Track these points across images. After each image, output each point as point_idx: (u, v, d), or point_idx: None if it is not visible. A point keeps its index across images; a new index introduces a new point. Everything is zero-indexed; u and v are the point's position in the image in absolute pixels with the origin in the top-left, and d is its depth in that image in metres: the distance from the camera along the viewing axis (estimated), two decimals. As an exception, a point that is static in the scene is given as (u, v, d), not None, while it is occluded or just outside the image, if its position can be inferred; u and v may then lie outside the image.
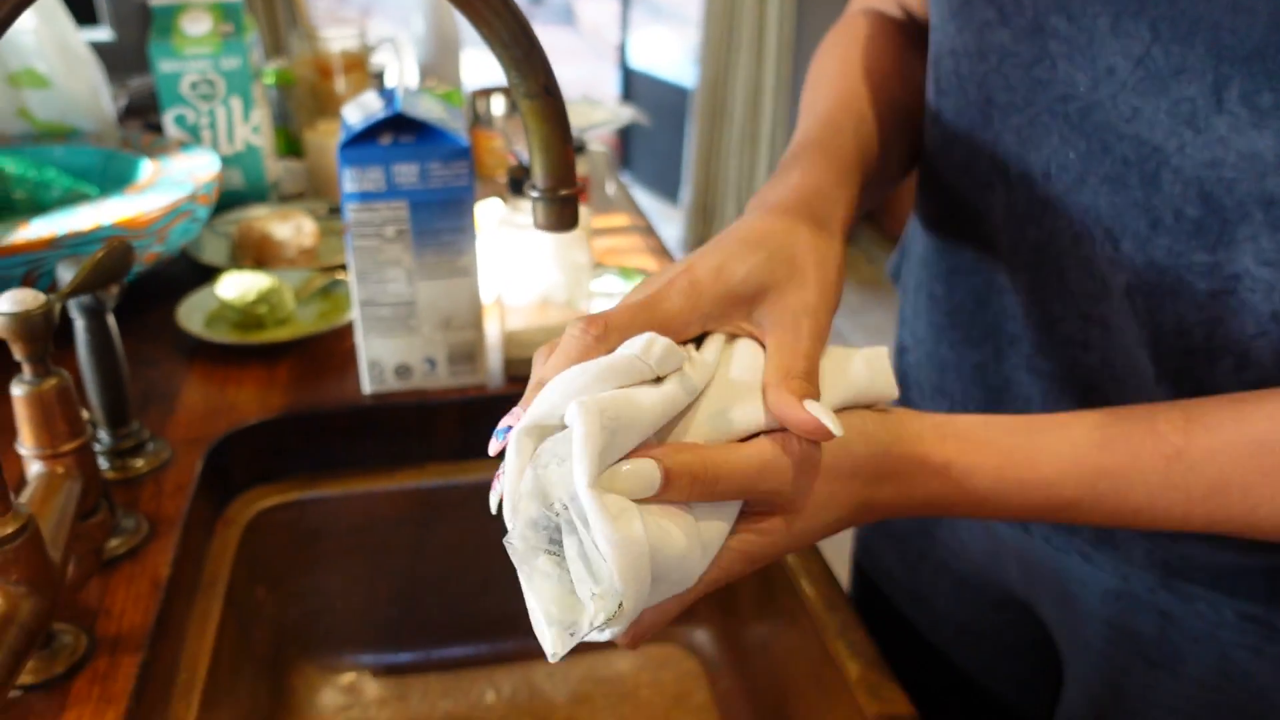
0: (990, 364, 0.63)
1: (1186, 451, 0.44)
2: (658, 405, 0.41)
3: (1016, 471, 0.45)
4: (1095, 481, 0.45)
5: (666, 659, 0.93)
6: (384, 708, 0.88)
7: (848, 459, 0.44)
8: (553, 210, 0.49)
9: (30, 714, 0.56)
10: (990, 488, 0.45)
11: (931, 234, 0.66)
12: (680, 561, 0.39)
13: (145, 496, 0.74)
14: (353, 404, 0.86)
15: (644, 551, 0.38)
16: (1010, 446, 0.46)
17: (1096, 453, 0.45)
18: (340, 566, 0.88)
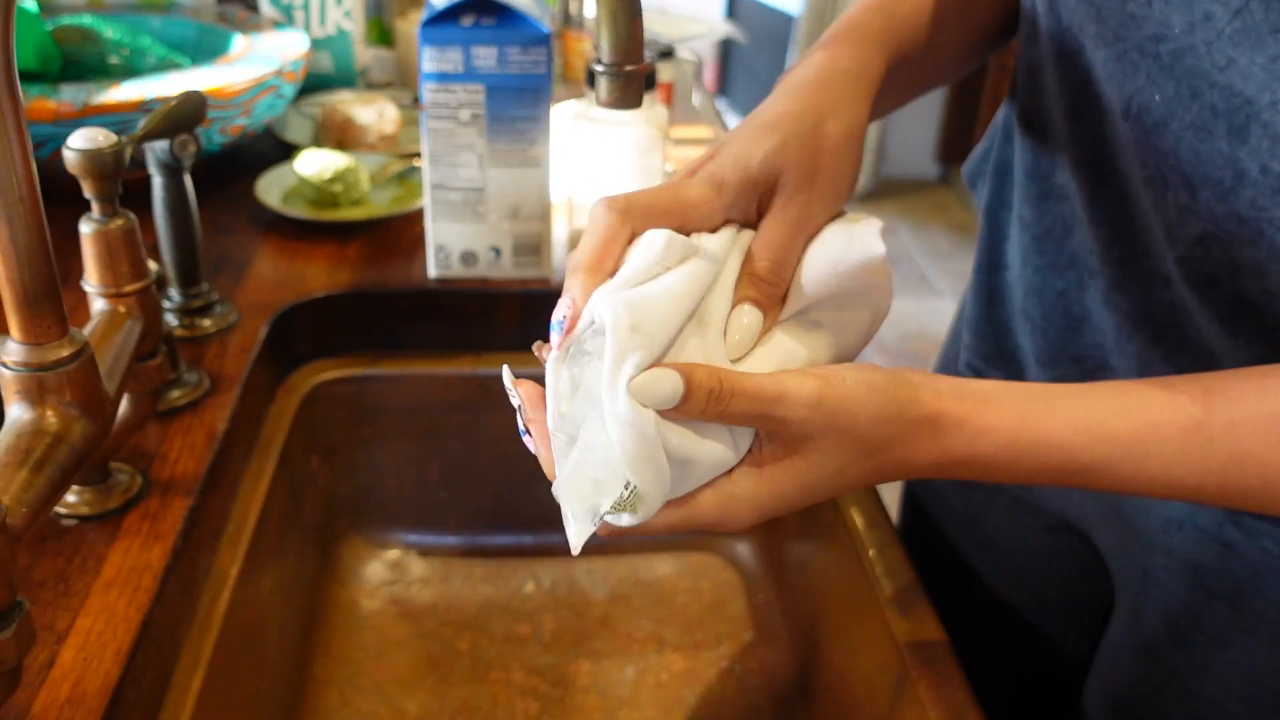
0: (1073, 292, 0.61)
1: (1205, 423, 0.44)
2: (683, 288, 0.42)
3: (1031, 434, 0.44)
4: (1111, 449, 0.44)
5: (706, 568, 0.93)
6: (426, 586, 0.90)
7: (863, 413, 0.43)
8: (616, 85, 0.48)
9: (84, 542, 0.58)
10: (1003, 449, 0.45)
11: (1026, 155, 0.64)
12: (689, 464, 0.41)
13: (209, 355, 0.76)
14: (417, 287, 0.87)
15: (657, 444, 0.40)
16: (1025, 410, 0.45)
17: (1113, 420, 0.44)
18: (394, 445, 0.90)
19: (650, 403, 0.40)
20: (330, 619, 0.85)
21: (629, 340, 0.40)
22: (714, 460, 0.42)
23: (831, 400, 0.42)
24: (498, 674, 0.83)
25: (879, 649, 0.65)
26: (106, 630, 0.53)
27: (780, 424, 0.42)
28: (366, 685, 0.81)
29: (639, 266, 0.42)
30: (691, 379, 0.40)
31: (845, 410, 0.42)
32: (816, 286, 0.46)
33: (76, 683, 0.50)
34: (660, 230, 0.43)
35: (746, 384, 0.41)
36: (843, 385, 0.43)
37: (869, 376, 0.44)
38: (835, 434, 0.42)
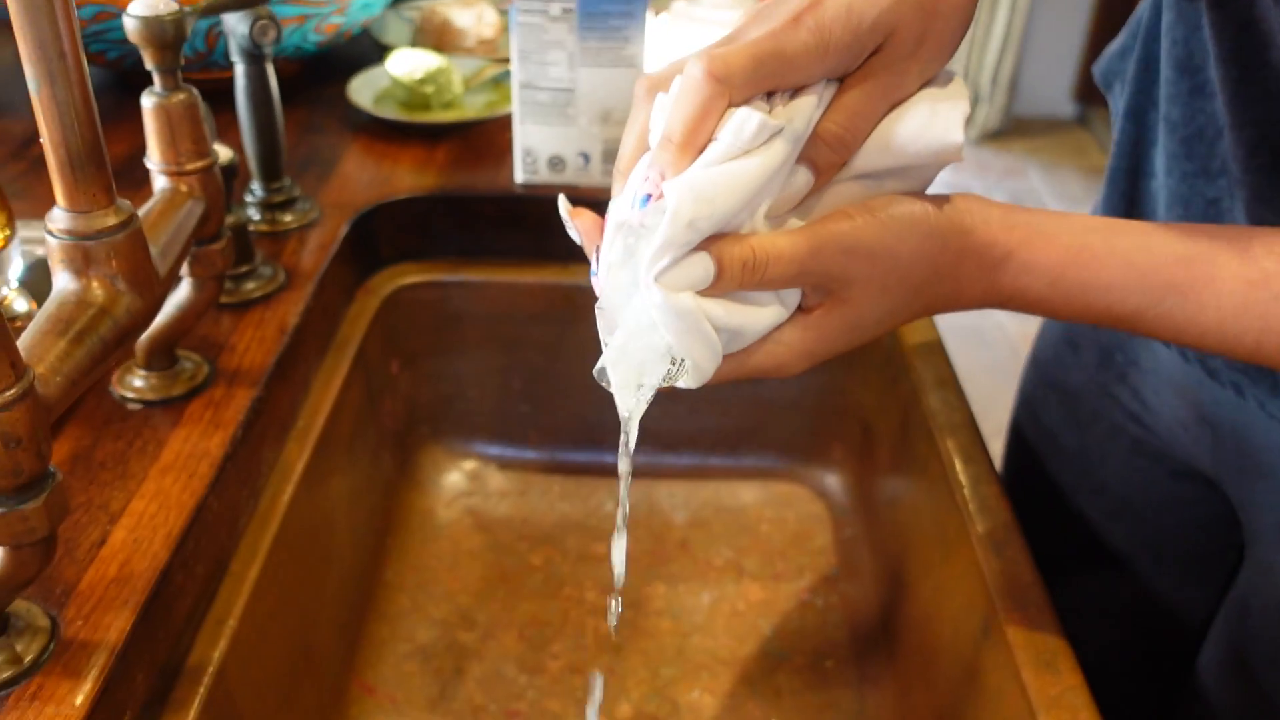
0: (1225, 201, 0.55)
1: (1275, 278, 0.41)
2: (758, 174, 0.39)
3: (1079, 273, 0.43)
4: (1163, 296, 0.42)
5: (793, 498, 0.89)
6: (504, 499, 0.89)
7: (905, 249, 0.42)
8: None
9: (146, 426, 0.57)
10: (1048, 286, 0.43)
11: (1175, 48, 0.57)
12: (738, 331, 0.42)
13: (287, 251, 0.75)
14: (504, 192, 0.84)
15: (700, 319, 0.40)
16: (1078, 245, 0.43)
17: (1173, 267, 0.42)
18: (476, 355, 0.88)
19: (684, 288, 0.39)
20: (405, 525, 0.84)
21: (682, 235, 0.39)
22: (763, 324, 0.42)
23: (867, 242, 0.41)
24: (570, 591, 0.81)
25: (967, 589, 0.61)
26: (159, 514, 0.52)
27: (820, 277, 0.41)
28: (437, 593, 0.80)
29: (725, 150, 0.40)
30: (723, 258, 0.39)
31: (884, 251, 0.41)
32: (884, 157, 0.43)
33: (125, 563, 0.49)
34: (754, 113, 0.39)
35: (781, 248, 0.40)
36: (880, 225, 0.41)
37: (910, 210, 0.42)
38: (878, 277, 0.42)
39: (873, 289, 0.42)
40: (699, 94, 0.39)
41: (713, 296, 0.40)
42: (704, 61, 0.39)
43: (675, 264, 0.39)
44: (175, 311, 0.58)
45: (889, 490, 0.80)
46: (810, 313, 0.43)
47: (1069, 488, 0.75)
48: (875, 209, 0.42)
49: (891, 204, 0.42)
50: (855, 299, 0.42)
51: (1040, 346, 0.79)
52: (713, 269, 0.39)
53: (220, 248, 0.56)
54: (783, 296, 0.43)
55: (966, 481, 0.65)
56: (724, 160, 0.39)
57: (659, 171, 0.40)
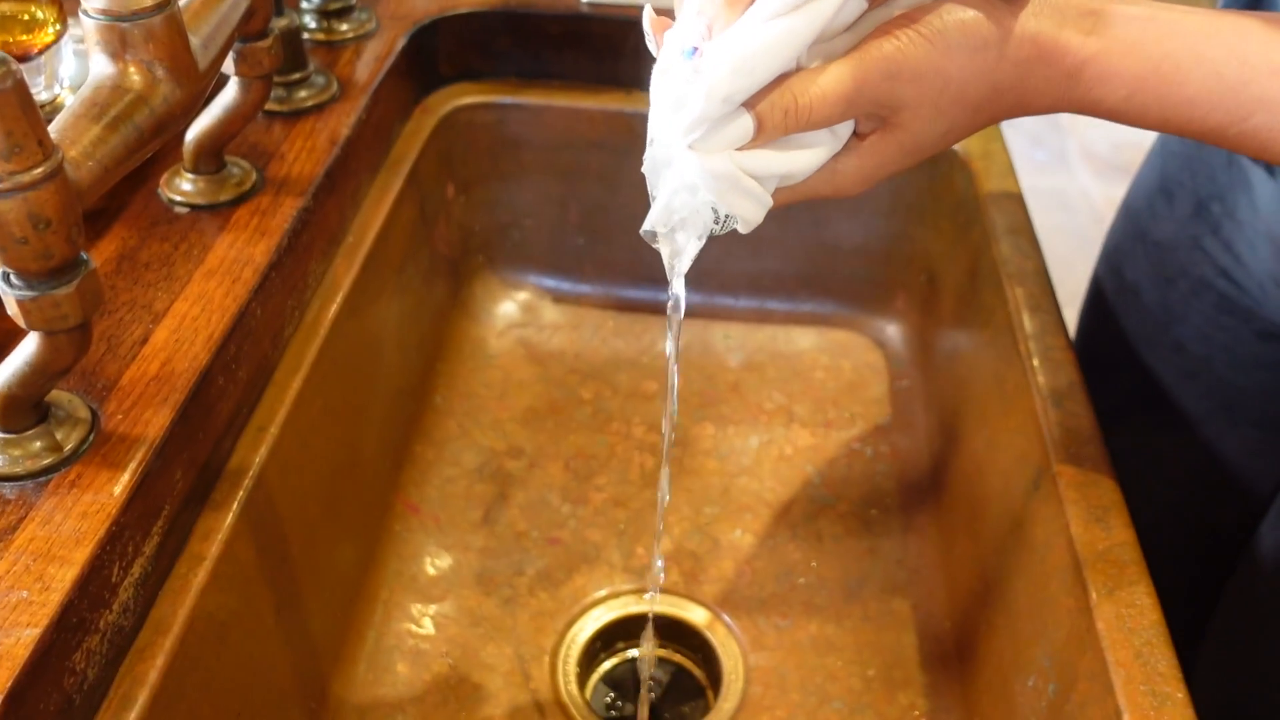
0: None
1: None
2: (805, 30, 0.37)
3: (1160, 85, 0.39)
4: (1252, 111, 0.38)
5: (850, 346, 0.87)
6: (557, 332, 0.88)
7: (954, 66, 0.39)
8: None
9: (192, 230, 0.57)
10: (1124, 99, 0.40)
11: None
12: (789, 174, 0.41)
13: (343, 61, 0.72)
14: (569, 11, 0.80)
15: (739, 177, 0.39)
16: (1161, 55, 0.39)
17: (1266, 79, 0.38)
18: (534, 183, 0.86)
19: (722, 149, 0.38)
20: (456, 352, 0.84)
21: (717, 109, 0.37)
22: (815, 163, 0.41)
23: (913, 64, 0.38)
24: (618, 426, 0.81)
25: (1021, 440, 0.59)
26: (201, 316, 0.51)
27: (869, 105, 0.39)
28: (486, 421, 0.80)
29: (773, 5, 0.37)
30: (761, 112, 0.38)
31: (932, 71, 0.39)
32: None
33: (166, 361, 0.49)
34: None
35: (825, 88, 0.38)
36: (925, 41, 0.38)
37: (960, 19, 0.38)
38: (929, 98, 0.39)
39: (925, 111, 0.40)
40: None
41: (756, 148, 0.39)
42: None
43: (712, 129, 0.38)
44: (222, 113, 0.57)
45: (950, 342, 0.78)
46: (864, 139, 0.41)
47: (1146, 343, 0.72)
48: (921, 22, 0.38)
49: (941, 12, 0.38)
50: (908, 123, 0.40)
51: (1133, 195, 0.75)
52: (752, 125, 0.38)
53: (267, 45, 0.54)
54: (834, 128, 0.41)
55: (1032, 331, 0.62)
56: (774, 16, 0.37)
57: (707, 22, 0.38)
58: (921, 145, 0.41)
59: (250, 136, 0.64)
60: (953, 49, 0.38)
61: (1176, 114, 0.39)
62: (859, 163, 0.41)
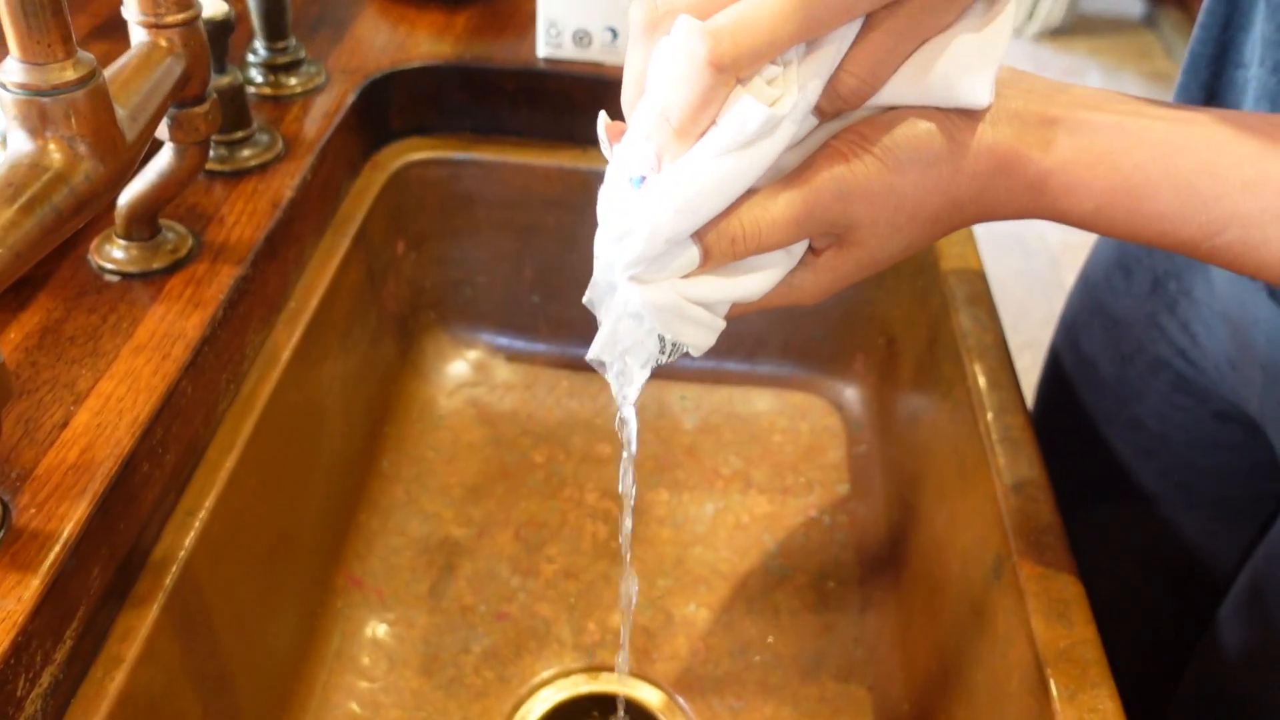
0: None
1: None
2: (755, 167, 0.36)
3: (1130, 200, 0.37)
4: (1225, 227, 0.37)
5: (809, 409, 0.86)
6: (509, 392, 0.85)
7: (907, 184, 0.37)
8: None
9: (122, 301, 0.54)
10: (1092, 212, 0.38)
11: None
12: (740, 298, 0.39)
13: (289, 118, 0.70)
14: (524, 66, 0.79)
15: (683, 305, 0.38)
16: (1131, 166, 0.37)
17: (1238, 194, 0.36)
18: (487, 239, 0.84)
19: (665, 278, 0.37)
20: (405, 414, 0.81)
21: (658, 248, 0.36)
22: (766, 285, 0.40)
23: (864, 184, 0.37)
24: (571, 492, 0.79)
25: (981, 523, 0.57)
26: (127, 397, 0.49)
27: (821, 226, 0.38)
28: (434, 486, 0.77)
29: (724, 144, 0.36)
30: (707, 239, 0.37)
31: (884, 189, 0.37)
32: (896, 94, 0.38)
33: (86, 447, 0.46)
34: (757, 108, 0.35)
35: (772, 213, 0.37)
36: (875, 160, 0.37)
37: (911, 134, 0.37)
38: (884, 217, 0.38)
39: (880, 229, 0.38)
40: (699, 82, 0.34)
41: (703, 275, 0.38)
42: (707, 45, 0.33)
43: (655, 261, 0.37)
44: (156, 179, 0.54)
45: (909, 409, 0.77)
46: (820, 254, 0.40)
47: (1103, 420, 0.71)
48: (872, 139, 0.37)
49: (892, 128, 0.37)
50: (864, 241, 0.39)
51: (1091, 267, 0.74)
52: (698, 254, 0.37)
53: (204, 111, 0.52)
54: (787, 248, 0.40)
55: (991, 408, 0.61)
56: (723, 153, 0.36)
57: (655, 151, 0.37)
58: (879, 260, 0.40)
59: (189, 198, 0.61)
60: (905, 165, 0.37)
61: (1146, 228, 0.38)
62: (816, 278, 0.40)
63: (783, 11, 0.34)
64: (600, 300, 0.41)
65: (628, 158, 0.38)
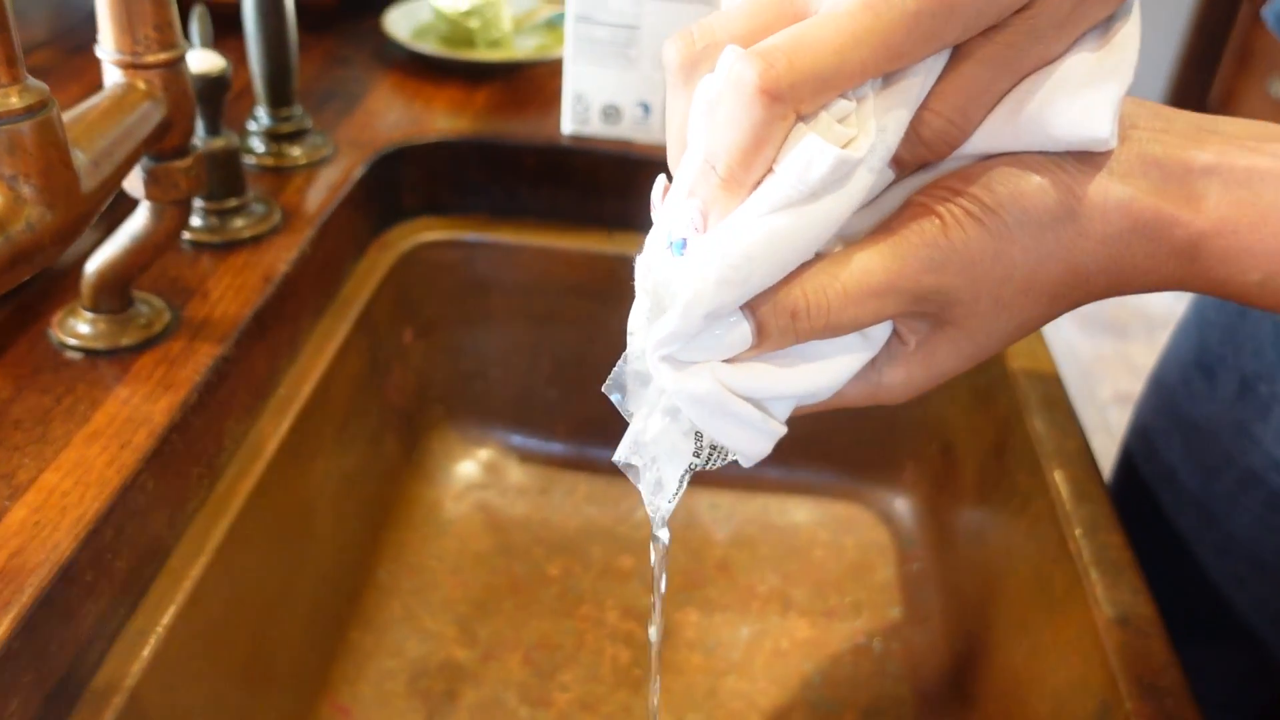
0: None
1: None
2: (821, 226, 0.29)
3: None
4: None
5: (852, 522, 0.77)
6: (522, 497, 0.77)
7: (1017, 250, 0.30)
8: None
9: (82, 380, 0.47)
10: (1258, 283, 0.30)
11: None
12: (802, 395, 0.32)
13: (290, 188, 0.64)
14: (548, 143, 0.73)
15: (727, 399, 0.30)
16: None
17: None
18: (502, 328, 0.77)
19: (708, 359, 0.30)
20: (406, 519, 0.73)
21: (695, 325, 0.29)
22: (839, 374, 0.32)
23: (963, 251, 0.29)
24: (589, 610, 0.70)
25: (1078, 660, 0.49)
26: (73, 491, 0.41)
27: (907, 305, 0.30)
28: (436, 601, 0.69)
29: (785, 195, 0.28)
30: (761, 314, 0.29)
31: (987, 257, 0.30)
32: (994, 140, 0.31)
33: (18, 551, 0.38)
34: (827, 148, 0.28)
35: (846, 284, 0.29)
36: (975, 223, 0.29)
37: (1019, 190, 0.29)
38: (987, 291, 0.30)
39: (983, 307, 0.31)
40: (749, 116, 0.27)
41: (756, 360, 0.31)
42: (757, 68, 0.26)
43: (694, 337, 0.30)
44: (129, 243, 0.48)
45: (972, 523, 0.68)
46: (908, 345, 0.33)
47: (1188, 538, 0.62)
48: (968, 194, 0.30)
49: (992, 181, 0.30)
50: (963, 321, 0.31)
51: (1164, 369, 0.66)
52: (749, 332, 0.29)
53: (184, 166, 0.45)
54: (865, 332, 0.32)
55: (1080, 525, 0.53)
56: (782, 207, 0.28)
57: (700, 207, 0.29)
58: (983, 345, 0.32)
59: (171, 269, 0.55)
60: (1013, 228, 0.29)
61: None
62: (906, 371, 0.33)
63: (853, 34, 0.27)
64: (631, 392, 0.34)
65: (670, 219, 0.31)
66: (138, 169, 0.45)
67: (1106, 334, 2.40)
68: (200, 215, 0.57)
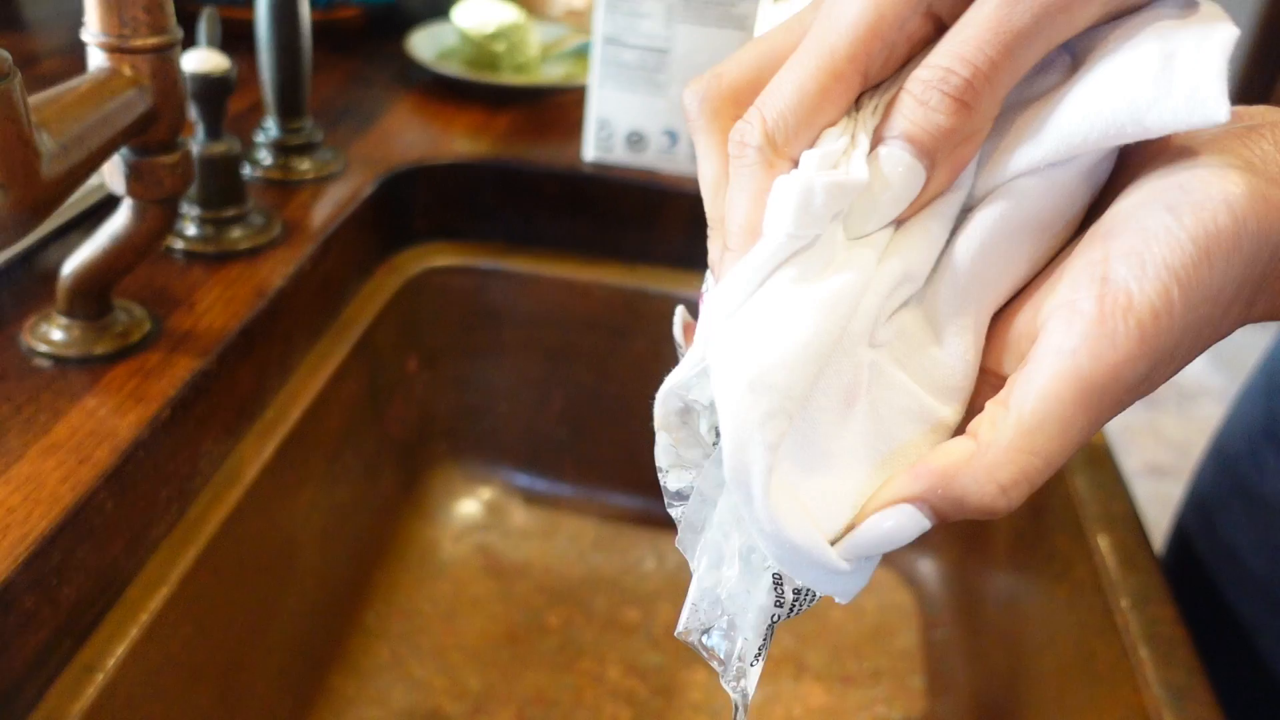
0: None
1: None
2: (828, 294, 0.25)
3: None
4: None
5: (874, 583, 0.73)
6: (526, 540, 0.73)
7: (1209, 313, 0.24)
8: None
9: (48, 389, 0.43)
10: None
11: None
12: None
13: (295, 203, 0.61)
14: (569, 170, 0.69)
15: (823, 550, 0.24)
16: None
17: None
18: (512, 362, 0.73)
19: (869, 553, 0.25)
20: (400, 559, 0.69)
21: (750, 408, 0.23)
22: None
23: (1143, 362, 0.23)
24: (589, 665, 0.66)
25: (1125, 748, 0.44)
26: (21, 508, 0.37)
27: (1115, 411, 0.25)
28: (426, 647, 0.65)
29: (769, 245, 0.25)
30: (932, 501, 0.24)
31: (1169, 356, 0.24)
32: (1063, 143, 0.24)
33: (-50, 572, 0.34)
34: (791, 183, 0.25)
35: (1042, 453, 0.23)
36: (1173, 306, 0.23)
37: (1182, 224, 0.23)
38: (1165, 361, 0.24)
39: (1177, 363, 0.25)
40: (738, 174, 0.27)
41: None
42: (759, 128, 0.26)
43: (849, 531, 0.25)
44: (109, 244, 0.44)
45: (1004, 589, 0.63)
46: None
47: (1251, 624, 0.57)
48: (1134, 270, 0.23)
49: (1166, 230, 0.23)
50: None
51: (1227, 438, 0.62)
52: (925, 521, 0.24)
53: (170, 162, 0.42)
54: None
55: (1127, 595, 0.48)
56: (776, 262, 0.25)
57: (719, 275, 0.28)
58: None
59: (158, 278, 0.51)
60: (1210, 281, 0.23)
61: None
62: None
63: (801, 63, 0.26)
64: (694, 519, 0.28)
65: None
66: (120, 164, 0.42)
67: (1136, 403, 2.33)
68: (195, 224, 0.54)
